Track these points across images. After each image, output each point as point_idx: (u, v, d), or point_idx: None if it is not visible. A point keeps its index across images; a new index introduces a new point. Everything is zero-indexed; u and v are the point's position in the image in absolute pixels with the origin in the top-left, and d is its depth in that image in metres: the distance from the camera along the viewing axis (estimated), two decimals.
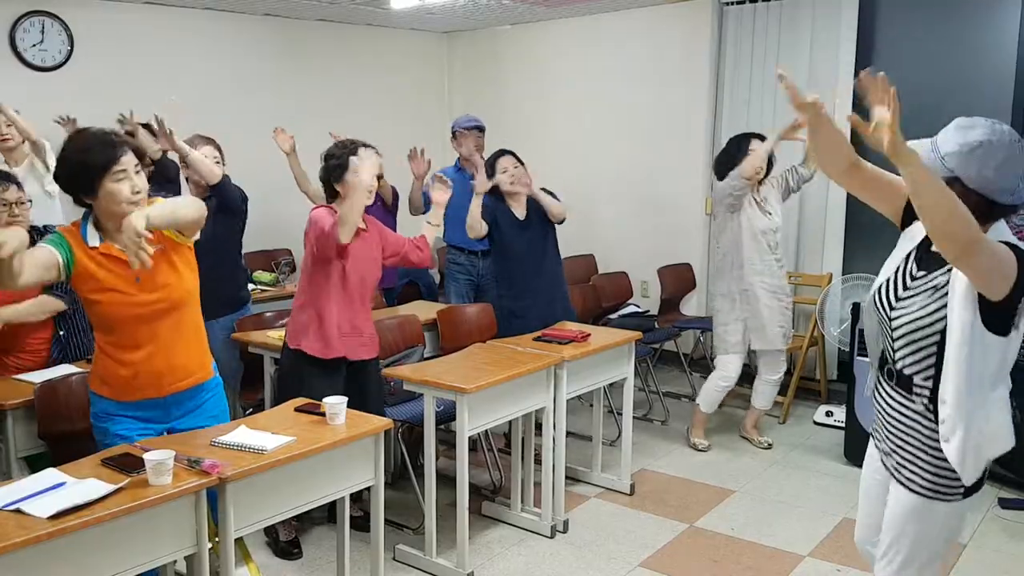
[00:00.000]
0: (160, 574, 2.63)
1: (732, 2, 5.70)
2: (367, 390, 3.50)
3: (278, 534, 3.55)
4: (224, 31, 5.86)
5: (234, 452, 2.49)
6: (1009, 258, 1.93)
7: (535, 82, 6.68)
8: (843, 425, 4.65)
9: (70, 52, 5.18)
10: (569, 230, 4.69)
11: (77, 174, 2.48)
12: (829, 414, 5.09)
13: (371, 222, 3.55)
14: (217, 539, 2.44)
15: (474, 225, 4.22)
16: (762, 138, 4.47)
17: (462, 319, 4.48)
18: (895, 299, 2.17)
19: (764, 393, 4.77)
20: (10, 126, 4.25)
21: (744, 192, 4.37)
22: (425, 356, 4.15)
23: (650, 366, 5.36)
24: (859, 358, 4.39)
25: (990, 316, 1.98)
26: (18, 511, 2.07)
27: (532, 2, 5.81)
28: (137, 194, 2.50)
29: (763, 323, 4.53)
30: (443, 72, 7.26)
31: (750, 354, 4.73)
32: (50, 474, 2.29)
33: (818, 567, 3.47)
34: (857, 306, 4.47)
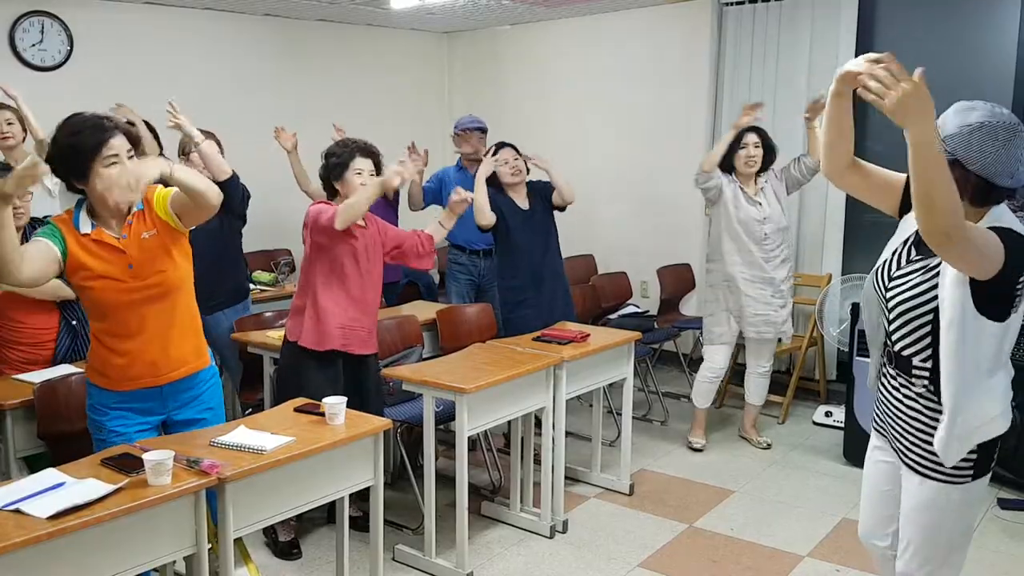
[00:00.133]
0: (160, 574, 2.63)
1: (732, 2, 5.70)
2: (365, 386, 3.51)
3: (277, 535, 3.56)
4: (224, 31, 5.85)
5: (233, 452, 2.49)
6: (993, 241, 1.93)
7: (535, 82, 6.68)
8: (842, 425, 4.65)
9: (70, 52, 5.17)
10: (569, 230, 4.70)
11: (67, 156, 2.46)
12: (828, 414, 5.09)
13: (371, 219, 3.56)
14: (216, 539, 2.44)
15: (483, 210, 4.22)
16: (758, 131, 4.50)
17: (461, 319, 4.49)
18: (890, 278, 2.19)
19: (755, 387, 4.78)
20: (11, 124, 4.26)
21: (707, 184, 4.46)
22: (424, 356, 4.15)
23: (649, 366, 5.36)
24: (858, 358, 4.39)
25: (983, 300, 1.98)
26: (17, 511, 2.07)
27: (532, 2, 5.81)
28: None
29: (744, 312, 4.55)
30: (443, 72, 7.26)
31: (742, 349, 4.75)
32: (49, 474, 2.29)
33: (817, 567, 3.47)
34: (856, 306, 4.46)
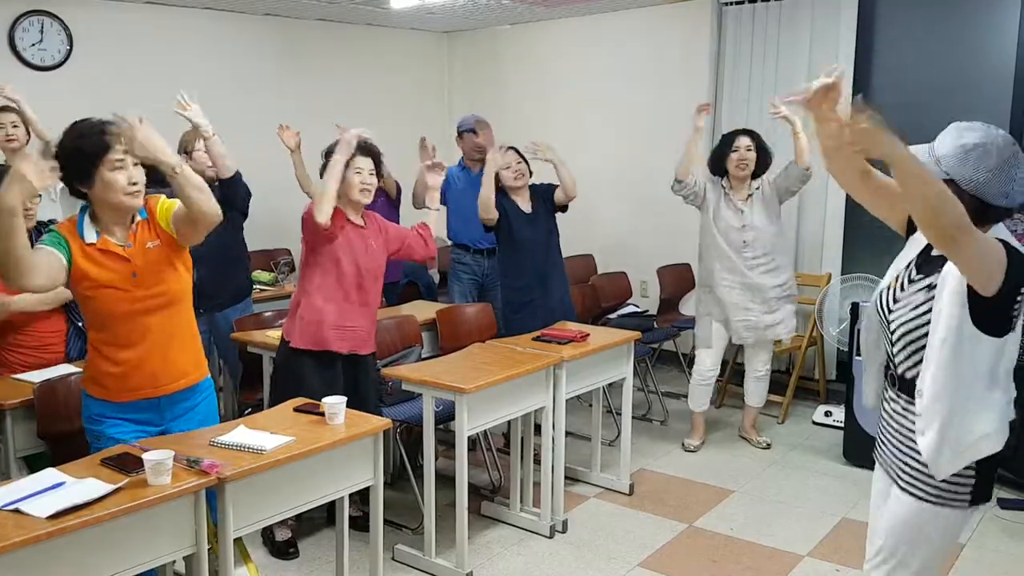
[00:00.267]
0: (159, 574, 2.63)
1: (731, 2, 5.70)
2: (363, 386, 3.49)
3: (274, 534, 3.55)
4: (224, 31, 5.86)
5: (233, 452, 2.49)
6: (998, 250, 1.94)
7: (535, 82, 6.68)
8: (842, 425, 4.65)
9: (69, 52, 5.17)
10: (569, 230, 4.70)
11: (73, 159, 2.46)
12: (828, 414, 5.09)
13: (371, 217, 3.55)
14: (216, 539, 2.44)
15: (487, 203, 4.22)
16: (750, 133, 4.50)
17: (461, 319, 4.49)
18: (893, 302, 2.18)
19: (752, 390, 4.79)
20: (16, 127, 4.27)
21: (683, 192, 4.54)
22: (424, 356, 4.15)
23: (649, 366, 5.36)
24: (858, 358, 4.39)
25: (981, 315, 1.98)
26: (17, 511, 2.07)
27: (532, 2, 5.81)
28: (134, 186, 2.49)
29: (728, 318, 4.57)
30: (443, 72, 7.26)
31: (739, 351, 4.76)
32: (49, 474, 2.29)
33: (817, 567, 3.47)
34: (856, 306, 4.47)
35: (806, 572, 3.44)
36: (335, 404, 2.77)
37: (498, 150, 4.33)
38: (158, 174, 2.55)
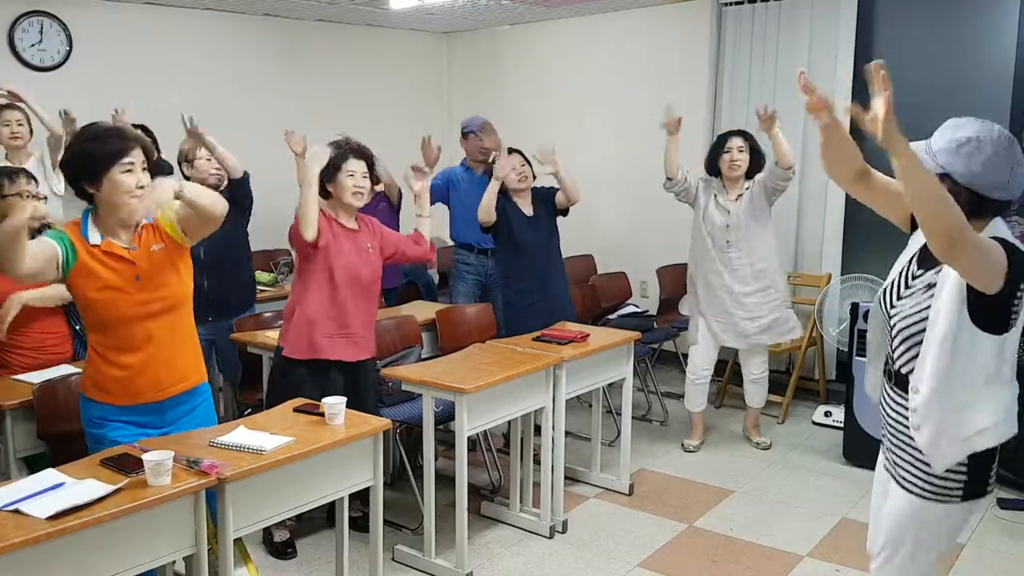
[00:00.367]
0: (159, 574, 2.63)
1: (731, 2, 5.70)
2: (360, 392, 3.41)
3: (272, 535, 3.54)
4: (224, 31, 5.85)
5: (233, 452, 2.49)
6: (997, 251, 1.94)
7: (535, 82, 6.68)
8: (842, 425, 4.64)
9: (69, 52, 5.17)
10: (569, 230, 4.70)
11: (85, 161, 2.49)
12: (828, 414, 5.09)
13: (366, 221, 3.53)
14: (216, 540, 2.44)
15: (488, 208, 4.22)
16: (742, 134, 4.51)
17: (461, 319, 4.49)
18: (896, 299, 2.19)
19: (750, 392, 4.79)
20: (21, 125, 4.31)
21: (674, 189, 4.61)
22: (424, 356, 4.15)
23: (649, 366, 5.36)
24: (858, 358, 4.39)
25: (981, 313, 1.99)
26: (17, 511, 2.07)
27: (532, 2, 5.81)
28: (141, 189, 2.52)
29: (715, 318, 4.59)
30: (442, 72, 7.26)
31: (737, 352, 4.78)
32: (49, 474, 2.29)
33: (817, 567, 3.47)
34: (856, 306, 4.47)
35: (806, 572, 3.44)
36: (335, 404, 2.77)
37: (504, 155, 4.33)
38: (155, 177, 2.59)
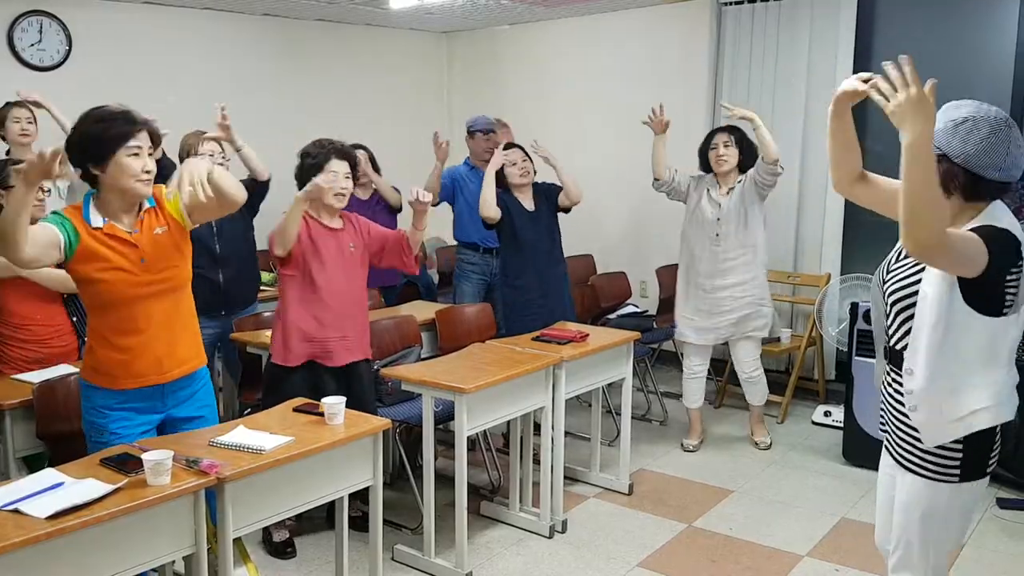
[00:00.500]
0: (159, 574, 2.63)
1: (731, 2, 5.70)
2: (355, 395, 3.34)
3: (271, 534, 3.54)
4: (223, 31, 5.85)
5: (232, 452, 2.49)
6: (974, 246, 1.93)
7: (534, 82, 6.68)
8: (841, 425, 4.64)
9: (68, 52, 5.17)
10: (569, 230, 4.70)
11: (91, 142, 2.49)
12: (827, 414, 5.09)
13: (351, 219, 3.48)
14: (215, 539, 2.44)
15: (488, 201, 4.22)
16: (728, 129, 4.54)
17: (461, 319, 4.49)
18: (888, 271, 2.22)
19: (746, 391, 4.79)
20: (31, 123, 4.36)
21: (663, 190, 4.65)
22: (424, 356, 4.15)
23: (648, 366, 5.36)
24: (858, 358, 4.39)
25: (972, 294, 1.99)
26: (16, 511, 2.07)
27: (531, 2, 5.81)
28: (147, 174, 2.53)
29: (690, 313, 4.62)
30: (442, 72, 7.26)
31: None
32: (48, 474, 2.29)
33: (817, 567, 3.47)
34: (855, 306, 4.46)
35: (805, 572, 3.44)
36: (334, 404, 2.77)
37: (500, 151, 4.34)
38: (159, 177, 2.60)
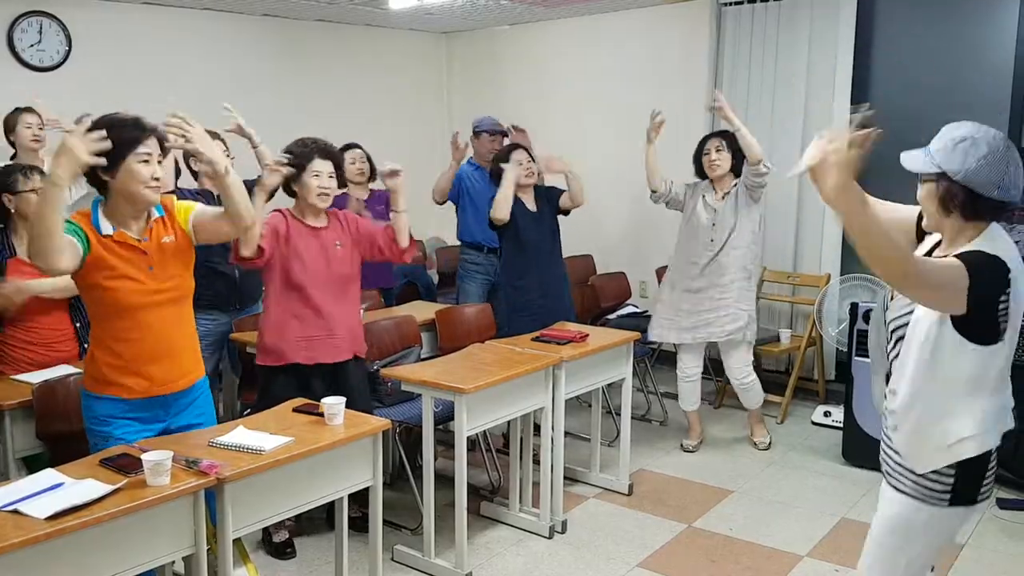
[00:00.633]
0: (158, 574, 2.63)
1: (731, 2, 5.70)
2: (346, 394, 3.22)
3: (271, 535, 3.54)
4: (223, 31, 5.85)
5: (232, 452, 2.49)
6: (951, 278, 1.93)
7: (534, 82, 6.68)
8: (841, 425, 4.64)
9: (68, 52, 5.17)
10: (569, 230, 4.71)
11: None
12: (827, 414, 5.09)
13: (337, 216, 3.45)
14: (215, 540, 2.44)
15: (503, 205, 4.24)
16: (720, 135, 4.55)
17: (460, 319, 4.49)
18: (890, 299, 2.22)
19: (741, 397, 4.78)
20: (41, 128, 4.35)
21: (659, 201, 4.68)
22: (423, 356, 4.15)
23: (648, 366, 5.35)
24: (857, 358, 4.39)
25: (967, 324, 1.99)
26: (16, 512, 2.07)
27: (531, 2, 5.81)
28: (156, 181, 2.53)
29: (668, 315, 4.63)
30: (442, 72, 7.26)
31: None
32: (48, 474, 2.29)
33: (816, 567, 3.47)
34: (855, 306, 4.47)
35: (805, 572, 3.44)
36: (334, 404, 2.77)
37: (515, 156, 4.35)
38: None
